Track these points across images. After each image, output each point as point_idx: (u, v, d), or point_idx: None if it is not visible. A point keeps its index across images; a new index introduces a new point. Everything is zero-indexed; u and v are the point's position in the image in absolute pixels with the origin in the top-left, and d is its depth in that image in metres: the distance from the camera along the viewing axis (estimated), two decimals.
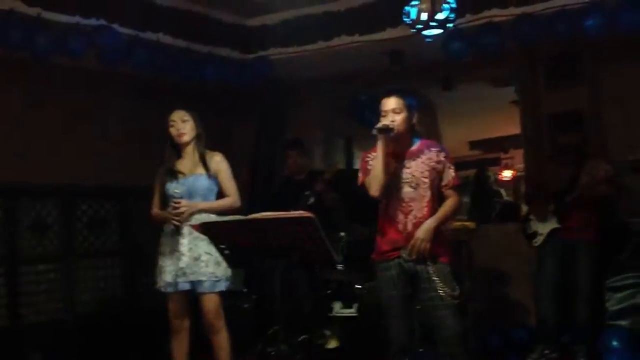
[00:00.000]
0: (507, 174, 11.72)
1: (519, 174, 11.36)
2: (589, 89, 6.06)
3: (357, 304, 4.80)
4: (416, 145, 3.88)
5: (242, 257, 3.58)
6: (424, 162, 3.81)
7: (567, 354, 5.04)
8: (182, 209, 4.12)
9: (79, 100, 5.99)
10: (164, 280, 4.20)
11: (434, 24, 4.64)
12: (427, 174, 3.79)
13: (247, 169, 7.05)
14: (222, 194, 4.32)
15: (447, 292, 3.68)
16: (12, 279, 5.66)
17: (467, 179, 9.09)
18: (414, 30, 4.77)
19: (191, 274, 4.14)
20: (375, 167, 3.79)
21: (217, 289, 4.20)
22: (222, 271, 4.18)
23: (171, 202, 4.19)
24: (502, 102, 8.67)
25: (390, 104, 3.83)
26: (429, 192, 3.77)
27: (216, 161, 4.32)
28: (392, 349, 3.81)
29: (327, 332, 4.77)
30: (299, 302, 5.28)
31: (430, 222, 3.72)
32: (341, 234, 5.26)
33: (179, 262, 4.15)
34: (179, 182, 4.25)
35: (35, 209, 5.85)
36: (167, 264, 4.19)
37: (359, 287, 5.07)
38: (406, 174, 3.80)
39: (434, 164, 3.80)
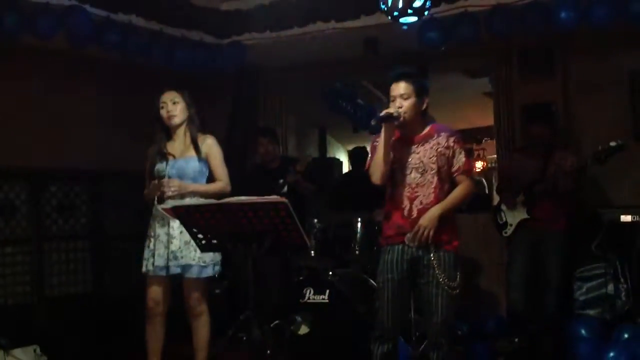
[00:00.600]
0: (479, 165, 11.84)
1: (490, 165, 11.49)
2: (562, 81, 6.12)
3: (328, 291, 4.79)
4: (426, 129, 3.78)
5: (215, 242, 3.54)
6: (432, 147, 3.72)
7: (536, 343, 5.08)
8: (172, 187, 4.07)
9: (49, 81, 5.88)
10: (156, 264, 4.14)
11: (410, 11, 4.63)
12: (435, 159, 3.70)
13: None
14: (212, 178, 4.28)
15: (445, 281, 3.65)
16: None
17: None
18: (390, 17, 4.76)
19: (182, 258, 4.11)
20: (377, 154, 3.72)
21: (205, 275, 4.18)
22: (210, 256, 4.15)
23: (158, 182, 4.15)
24: (476, 94, 8.75)
25: (398, 89, 3.70)
26: (436, 178, 3.69)
27: (208, 144, 4.27)
28: (375, 332, 3.78)
29: (298, 318, 4.75)
30: (271, 288, 5.28)
31: (435, 210, 3.65)
32: (314, 221, 5.24)
33: (170, 245, 4.11)
34: (169, 164, 4.20)
35: (3, 190, 5.74)
36: (159, 247, 4.14)
37: (330, 274, 5.07)
38: (414, 159, 3.73)
39: (442, 149, 3.71)
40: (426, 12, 4.80)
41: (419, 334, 4.59)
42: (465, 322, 5.48)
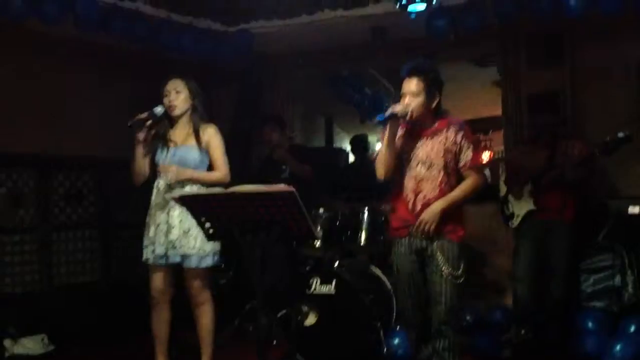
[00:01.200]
0: (486, 155, 11.79)
1: (497, 156, 11.43)
2: (570, 70, 6.08)
3: (335, 281, 4.79)
4: (437, 124, 3.76)
5: (222, 231, 3.54)
6: (440, 142, 3.72)
7: (542, 335, 5.07)
8: (170, 174, 4.07)
9: (56, 68, 5.87)
10: (156, 252, 4.14)
11: None
12: (442, 154, 3.71)
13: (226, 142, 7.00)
14: (212, 167, 4.26)
15: (449, 270, 3.69)
16: None
17: None
18: (398, 5, 4.74)
19: (180, 247, 4.10)
20: (381, 150, 3.75)
21: (204, 264, 4.17)
22: (210, 246, 4.14)
23: (158, 169, 4.15)
24: (484, 83, 8.69)
25: (410, 86, 3.69)
26: (442, 173, 3.71)
27: (209, 133, 4.24)
28: (401, 321, 4.02)
29: (304, 309, 4.75)
30: (277, 278, 5.28)
31: (437, 204, 3.68)
32: (320, 210, 5.23)
33: (169, 234, 4.10)
34: (170, 151, 4.19)
35: (11, 179, 5.75)
36: (159, 236, 4.14)
37: (337, 264, 5.06)
38: (422, 153, 3.74)
39: (450, 144, 3.71)
40: (434, 1, 4.77)
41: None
42: (470, 313, 5.48)
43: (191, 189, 4.08)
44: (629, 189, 5.61)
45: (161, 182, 4.18)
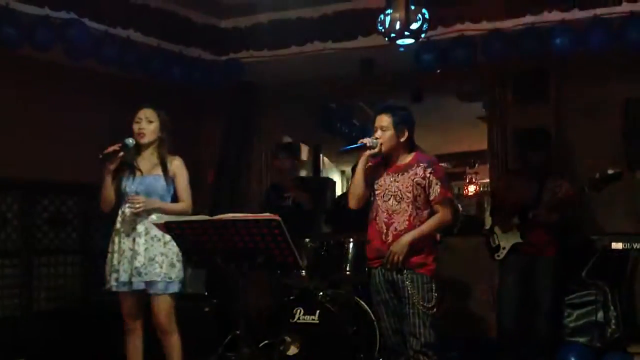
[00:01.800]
0: (472, 189, 11.87)
1: (482, 190, 11.51)
2: (556, 106, 6.15)
3: (319, 311, 4.77)
4: (408, 159, 4.01)
5: (206, 258, 3.53)
6: (410, 177, 3.93)
7: None
8: (138, 205, 4.08)
9: (45, 94, 5.87)
10: (120, 279, 4.12)
11: (407, 33, 4.67)
12: (411, 189, 3.91)
13: (212, 171, 7.01)
14: (176, 198, 4.29)
15: (420, 302, 3.84)
16: None
17: None
18: (387, 39, 4.79)
19: (145, 274, 4.09)
20: (353, 181, 4.06)
21: (170, 291, 4.16)
22: (176, 273, 4.15)
23: (127, 198, 4.16)
24: (469, 117, 8.78)
25: (380, 121, 3.98)
26: (411, 206, 3.90)
27: (176, 165, 4.28)
28: (385, 354, 4.14)
29: (287, 339, 4.72)
30: (260, 307, 5.25)
31: (405, 237, 3.86)
32: (306, 240, 5.23)
33: (134, 261, 4.09)
34: (136, 180, 4.21)
35: None
36: (123, 262, 4.12)
37: (321, 294, 5.05)
38: (393, 187, 3.95)
39: (419, 179, 3.91)
40: (423, 35, 4.83)
41: None
42: (455, 345, 5.46)
43: (157, 218, 4.03)
44: (613, 225, 5.65)
45: (127, 210, 4.18)
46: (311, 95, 7.29)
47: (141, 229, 4.13)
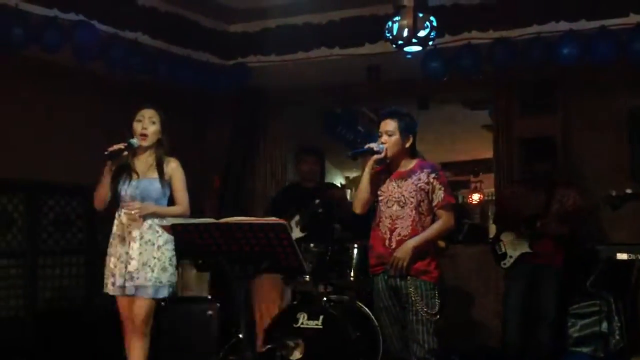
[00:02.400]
0: (476, 197, 11.85)
1: (486, 198, 11.50)
2: (562, 116, 6.15)
3: (322, 317, 4.77)
4: (411, 165, 4.01)
5: (211, 260, 3.54)
6: (413, 183, 3.94)
7: None
8: (134, 210, 4.06)
9: (52, 95, 5.89)
10: (116, 284, 4.13)
11: (414, 40, 4.68)
12: (414, 194, 3.91)
13: (218, 175, 7.02)
14: (172, 200, 4.26)
15: (424, 309, 3.84)
16: None
17: None
18: (394, 46, 4.80)
19: (137, 279, 4.07)
20: (359, 185, 4.05)
21: (160, 295, 4.14)
22: (167, 277, 4.13)
23: (122, 203, 4.15)
24: (475, 126, 8.78)
25: (385, 126, 3.99)
26: (414, 212, 3.91)
27: (172, 167, 4.24)
28: (389, 355, 4.10)
29: (290, 343, 4.72)
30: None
31: (410, 243, 3.86)
32: (310, 245, 5.23)
33: (128, 265, 4.08)
34: (132, 183, 4.17)
35: (0, 202, 5.72)
36: (119, 266, 4.12)
37: (325, 299, 5.05)
38: (396, 193, 3.96)
39: (422, 184, 3.92)
40: (430, 43, 4.84)
41: None
42: (458, 354, 5.45)
43: (153, 222, 4.11)
44: (618, 236, 5.65)
45: (123, 214, 4.17)
46: (317, 100, 7.30)
47: (136, 234, 4.11)
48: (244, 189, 6.98)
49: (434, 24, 4.77)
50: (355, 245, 5.24)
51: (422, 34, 4.71)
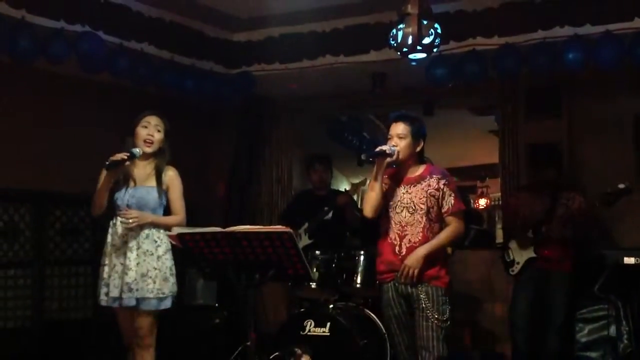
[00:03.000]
0: (482, 202, 11.83)
1: (493, 203, 11.48)
2: (567, 122, 6.15)
3: (329, 324, 4.77)
4: (420, 171, 3.97)
5: (218, 269, 3.54)
6: (423, 189, 3.90)
7: None
8: (132, 219, 4.02)
9: (58, 106, 5.92)
10: (110, 295, 4.04)
11: (419, 48, 4.68)
12: (425, 200, 3.87)
13: (223, 184, 7.04)
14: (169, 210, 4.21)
15: (435, 315, 3.80)
16: None
17: None
18: (399, 53, 4.80)
19: (137, 290, 3.99)
20: (369, 189, 3.96)
21: (163, 307, 4.07)
22: (169, 287, 4.08)
23: (118, 211, 4.11)
24: (481, 131, 8.78)
25: (396, 129, 3.93)
26: (424, 218, 3.87)
27: (169, 176, 4.21)
28: None
29: (298, 351, 4.72)
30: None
31: (421, 250, 3.82)
32: (316, 252, 5.24)
33: (125, 276, 4.00)
34: (129, 191, 4.13)
35: (8, 213, 5.75)
36: (114, 277, 4.04)
37: (331, 306, 5.05)
38: (406, 199, 3.91)
39: (432, 190, 3.88)
40: (435, 49, 4.84)
41: None
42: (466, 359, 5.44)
43: (150, 231, 4.07)
44: (626, 240, 5.63)
45: (119, 223, 4.11)
46: (322, 108, 7.31)
47: (132, 244, 4.04)
48: (250, 196, 6.99)
49: (439, 30, 4.76)
50: (362, 252, 5.24)
51: (426, 41, 4.69)
